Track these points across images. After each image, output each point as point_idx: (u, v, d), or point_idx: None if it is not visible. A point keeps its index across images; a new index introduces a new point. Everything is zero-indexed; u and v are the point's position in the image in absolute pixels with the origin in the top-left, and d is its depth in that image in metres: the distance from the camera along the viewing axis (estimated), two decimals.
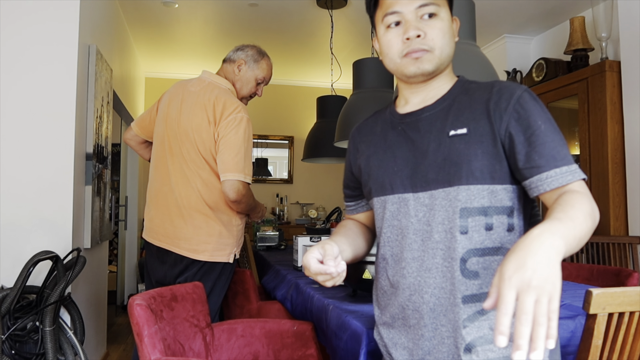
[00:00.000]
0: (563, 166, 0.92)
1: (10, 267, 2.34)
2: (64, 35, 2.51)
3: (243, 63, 2.17)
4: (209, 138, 1.98)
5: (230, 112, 1.97)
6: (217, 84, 2.11)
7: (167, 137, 2.07)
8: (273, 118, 6.01)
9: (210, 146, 1.98)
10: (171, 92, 2.16)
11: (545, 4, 3.79)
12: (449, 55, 1.05)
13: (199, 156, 1.98)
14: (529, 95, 0.99)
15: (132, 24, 4.30)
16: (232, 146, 1.95)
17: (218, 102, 1.99)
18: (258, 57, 2.20)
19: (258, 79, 2.21)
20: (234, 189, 1.93)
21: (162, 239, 2.03)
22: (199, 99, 2.03)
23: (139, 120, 2.27)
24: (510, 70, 4.22)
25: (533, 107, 0.97)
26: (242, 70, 2.17)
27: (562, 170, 0.92)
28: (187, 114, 2.03)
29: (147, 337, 1.29)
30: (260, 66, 2.20)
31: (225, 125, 1.96)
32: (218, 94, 2.03)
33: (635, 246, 3.04)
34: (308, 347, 1.70)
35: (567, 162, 0.93)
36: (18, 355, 2.12)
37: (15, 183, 2.40)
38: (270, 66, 2.26)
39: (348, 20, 4.16)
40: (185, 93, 2.10)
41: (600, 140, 3.32)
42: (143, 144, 2.32)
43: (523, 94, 0.98)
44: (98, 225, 2.96)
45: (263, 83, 2.25)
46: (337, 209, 3.35)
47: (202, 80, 2.14)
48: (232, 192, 1.93)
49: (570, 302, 1.53)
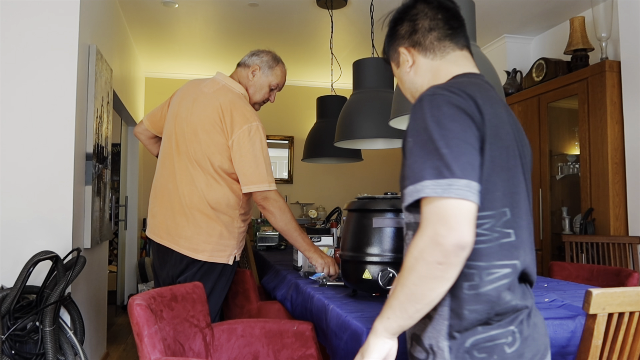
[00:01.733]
0: (409, 185, 0.91)
1: (10, 267, 2.34)
2: (64, 36, 2.51)
3: (258, 69, 2.17)
4: (219, 142, 1.99)
5: (245, 121, 1.99)
6: (231, 87, 2.12)
7: (175, 135, 2.08)
8: (273, 118, 6.01)
9: (219, 150, 1.99)
10: (184, 90, 2.17)
11: (545, 4, 3.79)
12: (412, 91, 1.17)
13: (205, 158, 1.99)
14: (414, 105, 0.98)
15: (132, 24, 4.30)
16: (251, 158, 1.97)
17: (232, 109, 2.00)
18: (273, 63, 2.20)
19: (272, 85, 2.21)
20: (261, 197, 1.99)
21: (164, 236, 2.04)
22: (211, 101, 2.04)
23: (150, 115, 2.29)
24: (510, 70, 4.22)
25: (410, 119, 0.97)
26: (257, 76, 2.17)
27: (409, 190, 0.91)
28: (197, 114, 2.04)
29: (147, 337, 1.29)
30: (275, 72, 2.20)
31: (240, 136, 1.97)
32: (231, 99, 2.04)
33: (635, 246, 3.04)
34: (308, 347, 1.70)
35: (414, 181, 0.90)
36: (18, 355, 2.12)
37: (15, 183, 2.40)
38: (285, 73, 2.26)
39: (348, 20, 4.16)
40: (198, 93, 2.10)
41: (600, 140, 3.32)
42: (152, 139, 2.34)
43: (414, 104, 0.99)
44: (98, 225, 2.96)
45: (276, 89, 2.26)
46: (337, 209, 3.35)
47: (216, 82, 2.14)
48: (262, 200, 1.99)
49: (570, 302, 1.53)
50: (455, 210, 0.85)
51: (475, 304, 0.93)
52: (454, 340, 0.94)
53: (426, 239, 0.86)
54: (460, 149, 0.88)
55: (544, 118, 3.80)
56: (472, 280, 0.93)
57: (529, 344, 0.95)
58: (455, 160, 0.87)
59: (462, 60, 1.11)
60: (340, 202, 6.03)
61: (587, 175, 3.42)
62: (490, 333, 0.93)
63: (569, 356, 1.33)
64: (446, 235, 0.84)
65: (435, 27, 1.10)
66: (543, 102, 3.80)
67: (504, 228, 0.95)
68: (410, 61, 1.13)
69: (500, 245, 0.95)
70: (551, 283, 1.98)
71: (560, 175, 3.77)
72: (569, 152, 3.85)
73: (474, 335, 0.93)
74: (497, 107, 0.99)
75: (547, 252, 3.78)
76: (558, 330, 1.32)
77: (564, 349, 1.32)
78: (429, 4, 1.11)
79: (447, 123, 0.90)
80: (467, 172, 0.87)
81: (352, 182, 6.19)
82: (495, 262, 0.94)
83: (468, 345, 0.93)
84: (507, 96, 4.10)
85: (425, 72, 1.12)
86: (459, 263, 0.86)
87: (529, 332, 0.96)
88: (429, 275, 0.86)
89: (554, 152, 3.83)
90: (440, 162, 0.87)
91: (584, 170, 3.44)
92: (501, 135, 0.97)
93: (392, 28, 1.16)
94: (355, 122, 2.68)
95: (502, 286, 0.94)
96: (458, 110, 0.93)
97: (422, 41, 1.10)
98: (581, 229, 3.33)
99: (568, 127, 3.89)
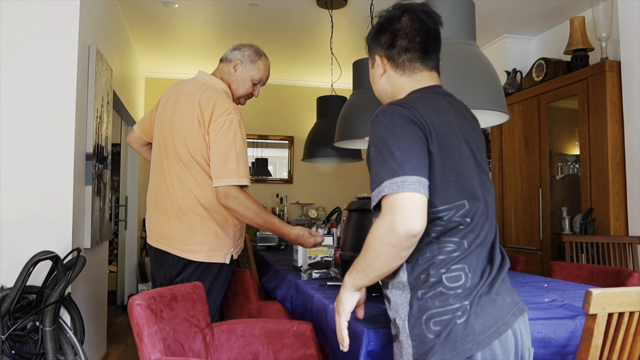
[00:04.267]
0: (374, 189, 1.06)
1: (10, 267, 2.34)
2: (64, 36, 2.51)
3: (239, 63, 2.14)
4: (199, 139, 1.96)
5: (220, 114, 1.94)
6: (211, 84, 2.09)
7: (162, 138, 2.07)
8: (273, 118, 6.01)
9: (201, 147, 1.96)
10: (168, 93, 2.16)
11: (545, 4, 3.79)
12: (379, 93, 1.32)
13: (190, 157, 1.97)
14: (372, 121, 1.13)
15: (132, 24, 4.30)
16: (222, 151, 1.92)
17: (208, 104, 1.97)
18: (255, 57, 2.16)
19: (254, 80, 2.17)
20: (222, 194, 1.91)
21: (160, 240, 2.03)
22: (191, 100, 2.02)
23: (140, 122, 2.27)
24: (510, 70, 4.22)
25: (371, 132, 1.12)
26: (238, 70, 2.14)
27: (374, 193, 1.05)
28: (179, 115, 2.03)
29: (147, 337, 1.29)
30: (257, 66, 2.16)
31: (214, 128, 1.93)
32: (210, 94, 2.01)
33: (635, 246, 3.04)
34: (308, 347, 1.70)
35: (377, 184, 1.05)
36: (18, 355, 2.12)
37: (15, 183, 2.40)
38: (268, 67, 2.22)
39: (348, 20, 4.16)
40: (180, 94, 2.09)
41: (600, 140, 3.32)
42: (146, 146, 2.32)
43: (371, 122, 1.13)
44: (98, 225, 2.96)
45: (260, 84, 2.21)
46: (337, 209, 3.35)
47: (196, 81, 2.12)
48: (223, 197, 1.91)
49: (570, 302, 1.53)
50: (409, 201, 1.00)
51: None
52: (411, 311, 1.10)
53: (384, 225, 1.01)
54: (411, 151, 1.04)
55: (544, 118, 3.80)
56: (424, 253, 1.09)
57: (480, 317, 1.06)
58: (406, 161, 1.03)
59: (427, 80, 1.24)
60: (340, 202, 6.03)
61: (587, 175, 3.42)
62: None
63: (569, 356, 1.33)
64: (400, 224, 0.99)
65: (410, 49, 1.22)
66: (543, 102, 3.80)
67: (463, 217, 1.10)
68: (382, 70, 1.27)
69: (446, 231, 1.10)
70: (551, 283, 1.98)
71: (560, 175, 3.77)
72: (569, 152, 3.85)
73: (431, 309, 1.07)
74: (446, 115, 1.14)
75: (547, 252, 3.78)
76: (558, 330, 1.32)
77: (564, 349, 1.32)
78: (413, 22, 1.22)
79: (397, 132, 1.06)
80: (417, 170, 1.02)
81: (352, 182, 6.19)
82: (443, 238, 1.09)
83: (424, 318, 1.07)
84: (507, 96, 4.10)
85: (393, 83, 1.26)
86: (410, 246, 1.03)
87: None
88: (385, 254, 1.03)
89: (554, 152, 3.83)
90: (394, 164, 1.03)
91: (584, 170, 3.44)
92: (450, 139, 1.11)
93: (376, 31, 1.28)
94: (355, 122, 2.68)
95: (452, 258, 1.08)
96: (407, 120, 1.08)
97: (396, 58, 1.24)
98: (581, 229, 3.33)
99: (568, 127, 3.89)
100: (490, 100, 1.77)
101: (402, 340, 1.10)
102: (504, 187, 4.24)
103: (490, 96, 1.78)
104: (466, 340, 1.02)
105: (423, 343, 1.05)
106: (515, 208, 4.11)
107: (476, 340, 1.02)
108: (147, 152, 2.34)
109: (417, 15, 1.22)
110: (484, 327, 1.03)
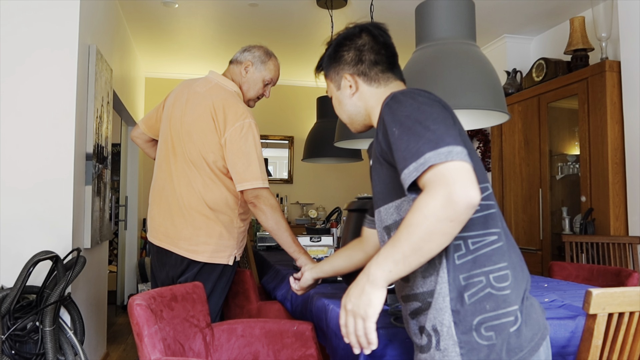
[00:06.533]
0: (411, 164, 0.95)
1: (10, 267, 2.34)
2: (64, 36, 2.51)
3: (250, 64, 2.15)
4: (213, 141, 1.97)
5: (237, 118, 1.97)
6: (224, 85, 2.10)
7: (170, 137, 2.07)
8: (273, 118, 6.01)
9: (213, 149, 1.97)
10: (177, 91, 2.16)
11: (545, 4, 3.79)
12: (351, 113, 1.32)
13: (201, 157, 1.98)
14: (386, 105, 1.06)
15: (132, 24, 4.30)
16: (243, 154, 1.95)
17: (224, 107, 1.98)
18: (265, 58, 2.18)
19: (265, 80, 2.19)
20: (252, 195, 1.94)
21: (163, 239, 2.03)
22: (204, 101, 2.03)
23: (145, 118, 2.27)
24: (510, 70, 4.22)
25: (388, 116, 1.04)
26: (250, 72, 2.15)
27: (410, 169, 0.95)
28: (191, 114, 2.03)
29: (147, 337, 1.29)
30: (268, 67, 2.18)
31: (232, 133, 1.95)
32: (224, 97, 2.02)
33: (635, 246, 3.04)
34: (308, 347, 1.70)
35: (415, 157, 0.94)
36: (18, 355, 2.12)
37: (15, 183, 2.40)
38: (278, 67, 2.24)
39: (348, 20, 4.15)
40: (191, 93, 2.09)
41: (600, 140, 3.32)
42: (149, 142, 2.32)
43: (383, 108, 1.07)
44: (98, 225, 2.96)
45: (270, 84, 2.23)
46: (337, 209, 3.35)
47: (208, 81, 2.13)
48: (253, 198, 1.94)
49: (570, 302, 1.53)
50: (462, 170, 0.90)
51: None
52: (458, 316, 1.00)
53: (438, 199, 0.89)
54: (447, 125, 0.97)
55: (544, 118, 3.81)
56: (460, 250, 1.02)
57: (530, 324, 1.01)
58: (446, 133, 0.95)
59: (402, 87, 1.26)
60: (340, 202, 6.03)
61: (587, 175, 3.42)
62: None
63: (569, 356, 1.33)
64: (460, 194, 0.88)
65: (379, 62, 1.25)
66: (543, 102, 3.80)
67: (488, 201, 1.05)
68: (354, 88, 1.27)
69: (486, 216, 1.04)
70: (551, 283, 1.98)
71: (560, 175, 3.77)
72: (569, 152, 3.85)
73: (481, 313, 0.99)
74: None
75: (547, 252, 3.78)
76: (558, 330, 1.32)
77: (564, 349, 1.32)
78: (374, 38, 1.25)
79: (426, 108, 1.00)
80: (458, 142, 0.94)
81: (352, 182, 6.19)
82: (481, 231, 1.03)
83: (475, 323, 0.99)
84: (507, 96, 4.10)
85: (368, 98, 1.26)
86: (465, 220, 0.91)
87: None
88: (440, 232, 0.91)
89: (554, 152, 3.84)
90: (433, 136, 0.94)
91: (584, 170, 3.44)
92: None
93: (336, 51, 1.31)
94: None
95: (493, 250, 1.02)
96: (431, 98, 1.04)
97: (368, 72, 1.25)
98: (581, 229, 3.33)
99: (568, 127, 3.89)
100: (490, 100, 1.77)
101: (445, 347, 1.01)
102: (504, 187, 4.24)
103: (490, 96, 1.77)
104: (520, 348, 0.99)
105: (474, 350, 0.99)
106: (515, 208, 4.11)
107: (529, 348, 0.99)
108: (150, 149, 2.34)
109: (376, 31, 1.27)
110: (533, 333, 1.01)
